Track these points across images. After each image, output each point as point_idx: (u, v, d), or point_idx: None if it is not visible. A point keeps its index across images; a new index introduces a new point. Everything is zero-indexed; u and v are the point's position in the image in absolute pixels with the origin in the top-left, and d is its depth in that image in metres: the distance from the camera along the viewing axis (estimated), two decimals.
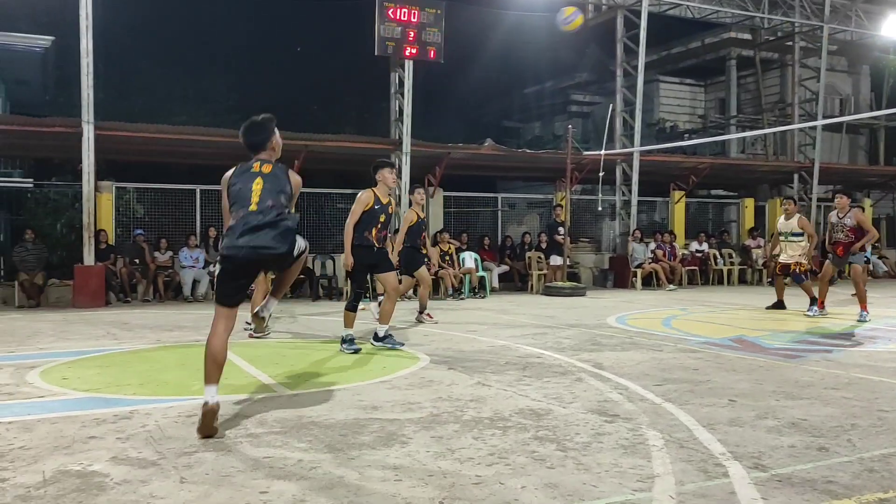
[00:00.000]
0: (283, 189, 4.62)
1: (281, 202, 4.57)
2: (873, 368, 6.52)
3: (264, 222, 4.46)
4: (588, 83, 29.22)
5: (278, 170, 4.71)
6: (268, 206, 4.51)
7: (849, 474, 3.64)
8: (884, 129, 25.36)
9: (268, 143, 4.79)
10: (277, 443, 4.23)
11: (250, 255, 4.48)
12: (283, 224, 4.51)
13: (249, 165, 4.72)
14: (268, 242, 4.44)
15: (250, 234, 4.43)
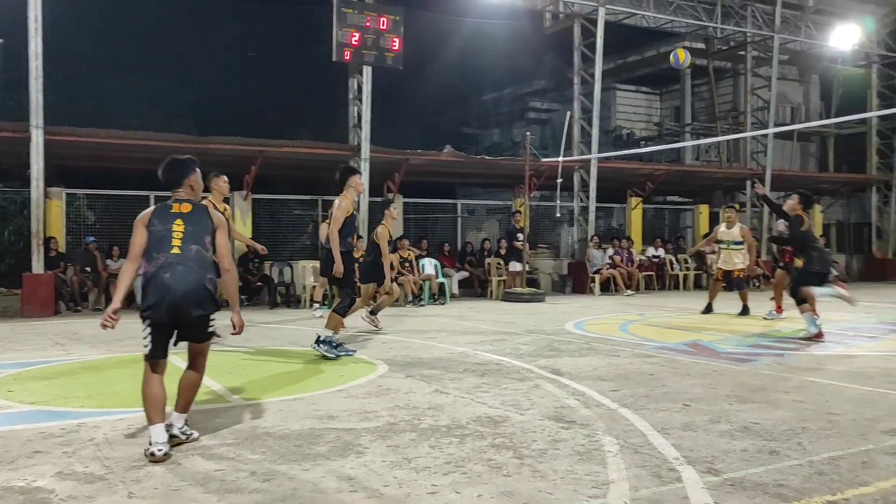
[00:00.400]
0: (206, 230, 4.49)
1: (205, 244, 4.46)
2: (824, 372, 6.66)
3: (186, 276, 4.31)
4: (546, 90, 29.45)
5: (198, 210, 4.56)
6: (191, 251, 4.39)
7: (799, 477, 3.70)
8: (833, 137, 26.04)
9: (184, 181, 4.65)
10: (230, 455, 4.15)
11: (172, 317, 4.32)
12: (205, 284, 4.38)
13: (169, 205, 4.58)
14: (186, 302, 4.29)
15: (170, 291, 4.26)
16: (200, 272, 4.36)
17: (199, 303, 4.33)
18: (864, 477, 3.71)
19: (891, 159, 23.28)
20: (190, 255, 4.36)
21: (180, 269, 4.30)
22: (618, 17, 19.21)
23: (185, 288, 4.27)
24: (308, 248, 16.64)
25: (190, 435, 4.46)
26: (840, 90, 25.23)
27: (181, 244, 4.37)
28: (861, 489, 3.53)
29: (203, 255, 4.42)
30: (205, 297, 4.35)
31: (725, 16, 20.25)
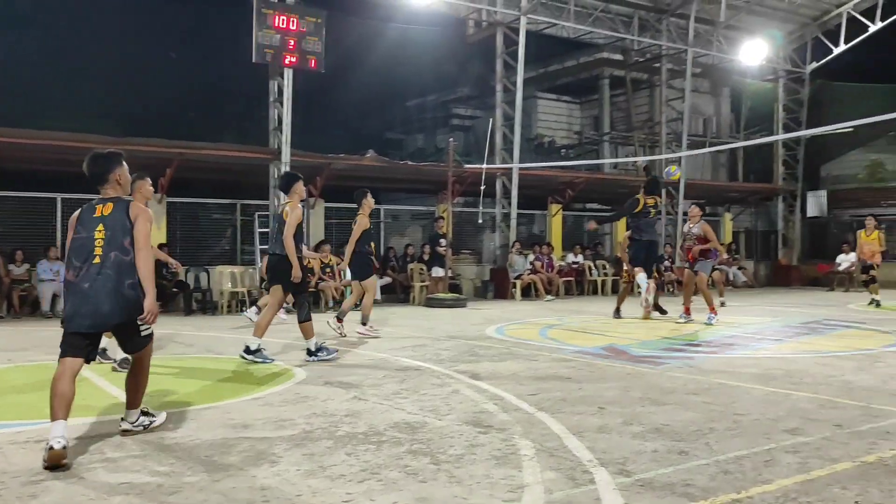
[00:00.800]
0: (124, 231, 4.46)
1: (124, 247, 4.44)
2: (731, 374, 6.90)
3: (105, 288, 4.35)
4: (469, 97, 29.69)
5: (119, 209, 4.52)
6: (110, 258, 4.40)
7: (706, 477, 3.81)
8: (743, 148, 27.17)
9: (108, 175, 4.62)
10: (136, 467, 3.99)
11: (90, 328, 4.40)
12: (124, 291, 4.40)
13: (93, 207, 4.57)
14: (105, 311, 4.35)
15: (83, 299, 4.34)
16: (118, 279, 4.38)
17: (120, 310, 4.38)
18: (767, 475, 3.84)
19: (795, 170, 24.44)
20: (109, 262, 4.39)
21: (100, 278, 4.36)
22: (539, 26, 19.56)
23: (104, 297, 4.34)
24: (227, 254, 16.25)
25: (149, 424, 4.71)
26: (749, 103, 26.34)
27: (102, 252, 4.40)
28: (764, 487, 3.66)
29: (121, 261, 4.42)
30: (124, 304, 4.39)
31: (642, 28, 20.88)
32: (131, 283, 4.41)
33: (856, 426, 4.84)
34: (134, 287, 4.42)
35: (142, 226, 4.49)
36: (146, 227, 4.50)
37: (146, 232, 4.50)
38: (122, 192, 4.66)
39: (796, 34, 23.60)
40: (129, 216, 4.49)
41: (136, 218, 4.50)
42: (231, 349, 8.72)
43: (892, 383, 6.34)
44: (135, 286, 4.43)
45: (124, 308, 4.39)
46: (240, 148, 15.81)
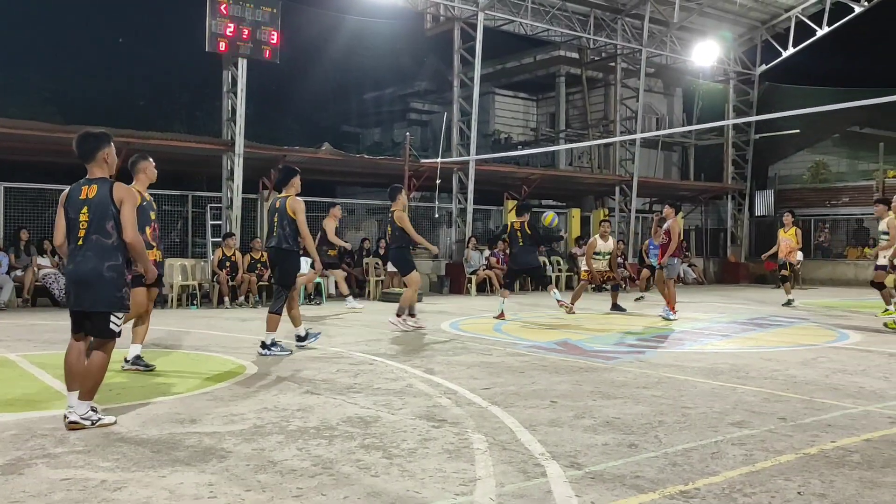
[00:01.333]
0: (107, 214, 4.59)
1: (106, 230, 4.58)
2: (680, 368, 7.02)
3: (78, 266, 4.58)
4: (427, 92, 29.66)
5: (103, 190, 4.64)
6: (91, 240, 4.57)
7: (654, 469, 3.87)
8: (694, 147, 27.69)
9: (95, 154, 4.74)
10: (79, 463, 3.88)
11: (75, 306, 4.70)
12: (102, 273, 4.56)
13: (80, 188, 4.71)
14: (80, 295, 4.60)
15: (74, 282, 4.62)
16: (99, 262, 4.54)
17: (96, 294, 4.56)
18: (714, 467, 3.92)
19: (745, 170, 25.00)
20: (90, 244, 4.57)
21: (80, 259, 4.57)
22: (496, 22, 19.61)
23: (83, 277, 4.56)
24: (177, 246, 15.94)
25: (97, 420, 4.56)
26: (700, 103, 26.85)
27: (85, 234, 4.58)
28: (711, 479, 3.72)
29: (102, 244, 4.57)
30: (101, 288, 4.55)
31: (598, 28, 21.10)
32: (111, 266, 4.55)
33: (799, 419, 4.96)
34: (113, 269, 4.56)
35: (128, 213, 4.61)
36: (132, 215, 4.63)
37: (132, 220, 4.62)
38: (107, 171, 4.78)
39: (746, 37, 24.13)
40: (113, 200, 4.60)
41: (122, 203, 4.62)
42: (181, 343, 8.57)
43: (834, 378, 6.53)
44: (115, 268, 4.57)
45: (102, 291, 4.55)
46: (191, 138, 15.53)
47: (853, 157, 27.34)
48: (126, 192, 4.68)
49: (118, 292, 4.61)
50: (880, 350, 8.34)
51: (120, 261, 4.61)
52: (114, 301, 4.60)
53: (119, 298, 4.62)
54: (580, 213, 22.13)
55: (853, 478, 3.74)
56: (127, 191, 4.69)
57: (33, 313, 12.04)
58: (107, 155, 4.78)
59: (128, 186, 4.80)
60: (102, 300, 4.57)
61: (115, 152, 4.92)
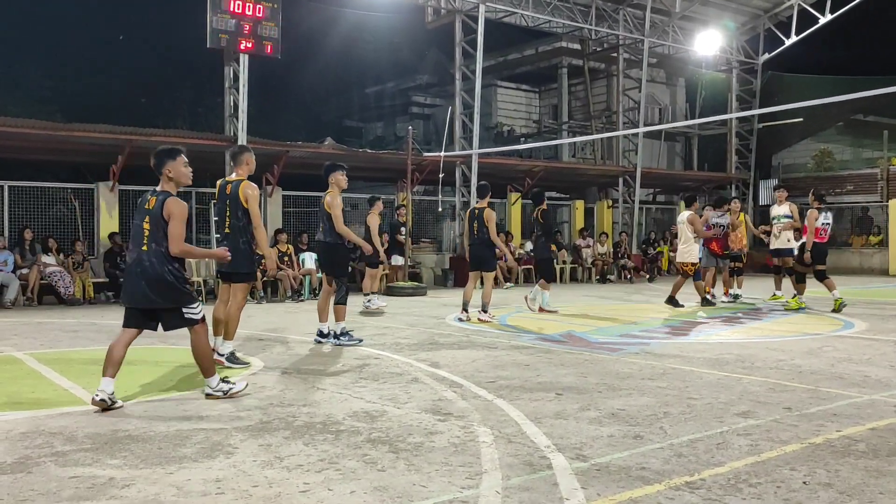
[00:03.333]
0: (161, 227, 5.07)
1: (159, 238, 5.07)
2: (685, 359, 7.03)
3: (146, 270, 5.06)
4: (429, 85, 29.61)
5: (158, 205, 5.11)
6: (152, 248, 5.08)
7: (660, 460, 3.88)
8: (697, 137, 27.63)
9: (160, 169, 5.23)
10: (87, 460, 3.90)
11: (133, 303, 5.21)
12: (165, 277, 5.06)
13: (147, 198, 5.22)
14: (147, 294, 5.08)
15: (135, 282, 5.12)
16: (161, 267, 5.06)
17: (162, 295, 5.10)
18: (719, 457, 3.92)
19: (748, 159, 24.93)
20: (151, 251, 5.08)
21: (146, 263, 5.07)
22: (498, 14, 19.56)
23: (151, 280, 5.06)
24: None
25: (228, 390, 5.33)
26: (703, 93, 26.76)
27: (147, 242, 5.09)
28: (716, 469, 3.73)
29: (159, 252, 5.08)
30: (166, 289, 5.09)
31: (599, 18, 21.03)
32: (170, 269, 5.09)
33: (804, 409, 4.97)
34: (172, 272, 5.09)
35: (174, 227, 5.08)
36: (176, 229, 5.08)
37: (176, 234, 5.08)
38: (173, 186, 5.25)
39: (749, 26, 24.02)
40: (163, 214, 5.08)
41: (170, 217, 5.08)
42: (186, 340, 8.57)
43: (840, 367, 6.53)
44: (173, 271, 5.10)
45: (167, 292, 5.09)
46: (194, 135, 15.55)
47: (857, 144, 27.24)
48: (175, 207, 5.09)
49: (183, 289, 5.18)
50: (886, 339, 8.33)
51: (177, 264, 5.16)
52: (182, 297, 5.16)
53: (186, 293, 5.20)
54: (584, 204, 22.11)
55: (858, 467, 3.75)
56: (176, 206, 5.09)
57: (39, 311, 12.08)
58: (170, 170, 5.22)
59: (180, 202, 5.14)
60: (173, 298, 5.13)
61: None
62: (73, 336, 8.96)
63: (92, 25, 24.64)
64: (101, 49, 24.67)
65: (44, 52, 23.69)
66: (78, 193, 14.55)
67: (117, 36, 25.42)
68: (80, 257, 13.65)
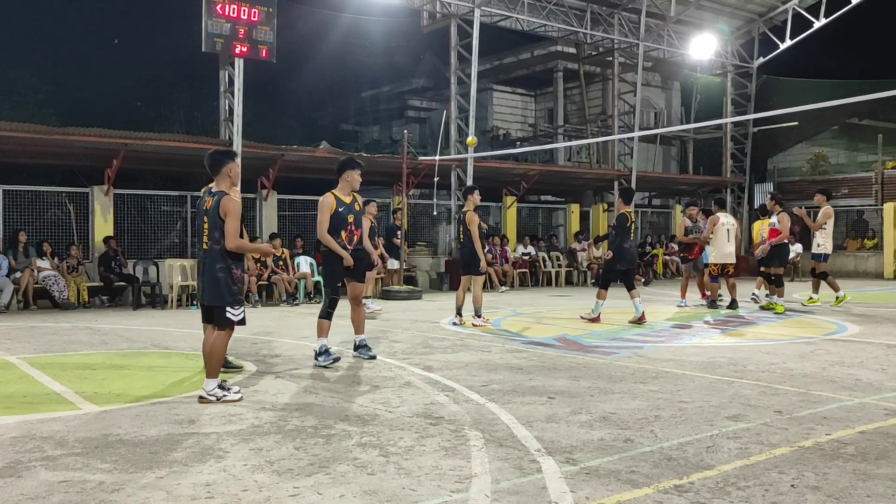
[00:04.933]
0: (216, 224, 5.35)
1: (216, 238, 5.36)
2: (678, 363, 7.04)
3: (205, 268, 5.48)
4: (425, 89, 29.63)
5: (215, 203, 5.38)
6: (211, 245, 5.40)
7: (649, 464, 3.89)
8: (692, 141, 27.68)
9: (220, 168, 5.48)
10: (77, 465, 3.90)
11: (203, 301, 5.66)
12: (216, 274, 5.38)
13: (204, 199, 5.54)
14: (204, 291, 5.52)
15: (200, 279, 5.64)
16: (212, 265, 5.38)
17: (212, 293, 5.41)
18: (709, 461, 3.94)
19: (743, 163, 24.99)
20: (209, 249, 5.42)
21: (205, 262, 5.47)
22: (493, 18, 19.59)
23: (205, 277, 5.47)
24: (177, 246, 15.96)
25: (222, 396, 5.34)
26: (699, 97, 26.83)
27: (207, 240, 5.43)
28: (705, 472, 3.75)
29: (214, 250, 5.38)
30: (215, 287, 5.38)
31: (595, 22, 21.08)
32: (221, 267, 5.36)
33: (795, 412, 4.98)
34: (224, 270, 5.36)
35: (229, 224, 5.31)
36: (232, 225, 5.31)
37: (232, 230, 5.31)
38: (229, 184, 5.49)
39: (744, 30, 24.09)
40: (219, 213, 5.32)
41: (226, 214, 5.31)
42: (180, 344, 8.59)
43: (831, 370, 6.55)
44: (224, 269, 5.36)
45: (215, 289, 5.38)
46: (189, 139, 15.56)
47: (852, 148, 27.32)
48: (231, 204, 5.33)
49: (230, 290, 5.39)
50: (878, 342, 8.35)
51: (228, 263, 5.37)
52: (226, 297, 5.37)
53: (232, 294, 5.39)
54: (579, 208, 22.14)
55: (847, 470, 3.76)
56: (232, 203, 5.33)
57: (33, 315, 12.06)
58: (230, 170, 5.49)
59: (234, 200, 5.38)
60: (217, 296, 5.38)
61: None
62: (67, 340, 8.94)
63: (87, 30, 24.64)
64: (96, 53, 24.66)
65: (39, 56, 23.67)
66: (73, 197, 14.54)
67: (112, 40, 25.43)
68: (74, 261, 13.63)
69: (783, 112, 15.87)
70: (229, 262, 5.39)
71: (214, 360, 5.45)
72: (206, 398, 5.33)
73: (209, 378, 5.41)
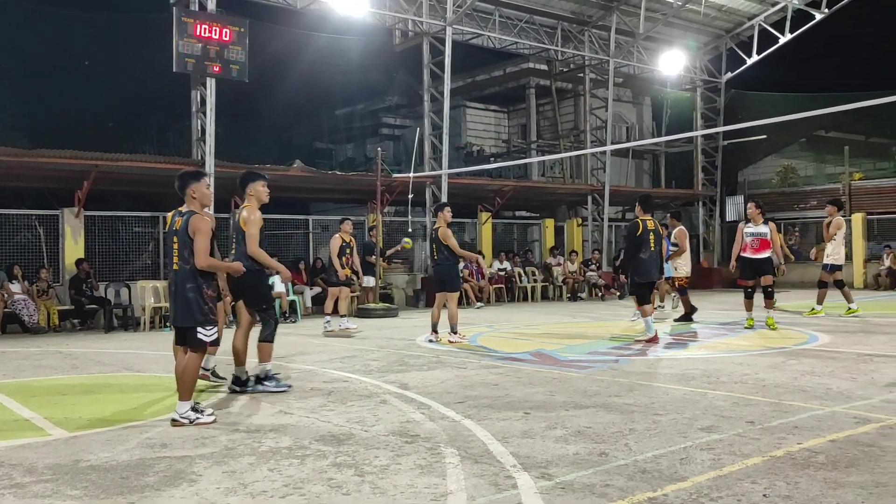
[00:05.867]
0: (186, 243, 5.33)
1: (185, 257, 5.33)
2: (653, 375, 7.09)
3: (176, 288, 5.40)
4: (398, 106, 29.74)
5: (184, 222, 5.36)
6: (181, 264, 5.36)
7: (624, 477, 3.91)
8: (664, 154, 28.02)
9: (185, 191, 5.47)
10: (46, 492, 3.83)
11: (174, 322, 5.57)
12: (186, 294, 5.33)
13: (174, 220, 5.49)
14: (175, 312, 5.44)
15: (171, 300, 5.51)
16: (182, 285, 5.34)
17: (183, 314, 5.37)
18: (682, 472, 3.97)
19: (714, 176, 25.34)
20: (180, 269, 5.37)
21: (176, 282, 5.40)
22: (465, 36, 19.77)
23: (176, 297, 5.41)
24: (149, 268, 15.80)
25: (195, 419, 5.24)
26: (669, 111, 27.19)
27: (177, 260, 5.38)
28: (679, 484, 3.77)
29: (184, 269, 5.36)
30: (186, 307, 5.33)
31: (566, 39, 21.35)
32: (192, 287, 5.32)
33: (767, 422, 5.04)
34: (194, 290, 5.32)
35: (198, 242, 5.31)
36: (201, 244, 5.31)
37: (201, 248, 5.31)
38: (197, 205, 5.48)
39: (711, 45, 24.52)
40: (188, 232, 5.32)
41: (195, 233, 5.31)
42: (152, 366, 8.49)
43: (802, 380, 6.63)
44: (195, 289, 5.32)
45: (186, 310, 5.34)
46: (161, 159, 15.45)
47: (820, 160, 27.83)
48: (199, 223, 5.35)
49: (201, 310, 5.34)
50: (848, 351, 8.48)
51: (199, 283, 5.34)
52: (197, 317, 5.33)
53: (203, 314, 5.35)
54: (553, 223, 22.27)
55: (818, 478, 3.81)
56: (201, 222, 5.35)
57: (2, 340, 11.86)
58: (194, 191, 5.47)
59: (203, 218, 5.40)
60: (188, 317, 5.35)
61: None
62: (37, 365, 8.80)
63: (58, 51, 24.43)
64: (67, 74, 24.44)
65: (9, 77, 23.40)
66: (43, 220, 14.36)
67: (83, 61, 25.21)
68: (45, 284, 13.44)
69: (751, 125, 16.15)
70: (200, 282, 5.35)
71: (187, 383, 5.36)
72: (179, 421, 5.25)
73: (182, 401, 5.33)
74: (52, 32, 24.28)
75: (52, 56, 24.25)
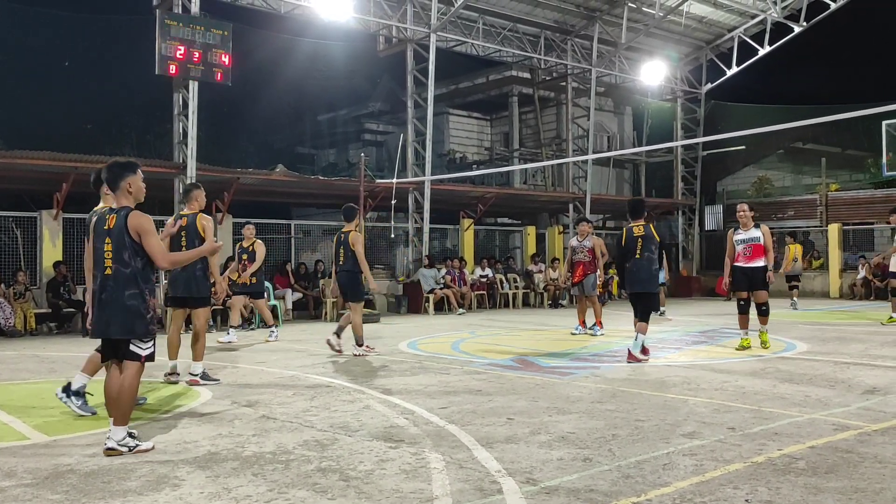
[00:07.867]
0: (123, 244, 4.68)
1: (124, 260, 4.68)
2: (635, 382, 7.14)
3: (107, 296, 4.68)
4: (381, 112, 29.76)
5: (119, 222, 4.72)
6: (117, 268, 4.68)
7: (608, 482, 3.93)
8: (644, 164, 28.25)
9: (119, 183, 4.83)
10: (26, 496, 3.79)
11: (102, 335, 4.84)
12: (124, 301, 4.66)
13: (104, 218, 4.81)
14: (107, 322, 4.69)
15: (99, 310, 4.74)
16: (119, 291, 4.66)
17: (120, 323, 4.67)
18: (665, 478, 4.00)
19: (694, 185, 25.58)
20: (114, 274, 4.69)
21: (109, 289, 4.68)
22: (449, 43, 19.82)
23: (109, 306, 4.67)
24: None
25: (134, 447, 4.60)
26: (650, 121, 27.44)
27: (111, 264, 4.70)
28: (662, 489, 3.80)
29: (121, 274, 4.68)
30: (124, 317, 4.65)
31: (548, 48, 21.48)
32: (133, 294, 4.66)
33: (747, 428, 5.09)
34: (136, 297, 4.67)
35: (151, 243, 4.73)
36: (154, 243, 4.74)
37: (156, 248, 4.76)
38: (132, 201, 4.84)
39: (692, 56, 24.79)
40: (128, 231, 4.69)
41: (139, 234, 4.70)
42: None
43: (782, 387, 6.71)
44: (135, 296, 4.67)
45: (124, 319, 4.66)
46: (142, 161, 15.29)
47: (797, 171, 28.16)
48: (143, 220, 4.73)
49: (143, 320, 4.71)
50: (826, 359, 8.59)
51: (142, 288, 4.71)
52: (137, 328, 4.70)
53: (145, 325, 4.73)
54: (535, 230, 22.36)
55: (798, 484, 3.86)
56: (144, 219, 4.74)
57: None
58: (129, 184, 4.84)
59: (145, 215, 4.79)
60: (126, 327, 4.68)
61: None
62: (14, 369, 8.69)
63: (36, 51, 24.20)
64: (45, 74, 24.21)
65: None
66: (20, 222, 14.18)
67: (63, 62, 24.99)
68: (21, 287, 13.27)
69: (730, 136, 16.35)
70: (143, 287, 4.70)
71: (124, 405, 4.68)
72: (116, 450, 4.56)
73: (117, 426, 4.62)
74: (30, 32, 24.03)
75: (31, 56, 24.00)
